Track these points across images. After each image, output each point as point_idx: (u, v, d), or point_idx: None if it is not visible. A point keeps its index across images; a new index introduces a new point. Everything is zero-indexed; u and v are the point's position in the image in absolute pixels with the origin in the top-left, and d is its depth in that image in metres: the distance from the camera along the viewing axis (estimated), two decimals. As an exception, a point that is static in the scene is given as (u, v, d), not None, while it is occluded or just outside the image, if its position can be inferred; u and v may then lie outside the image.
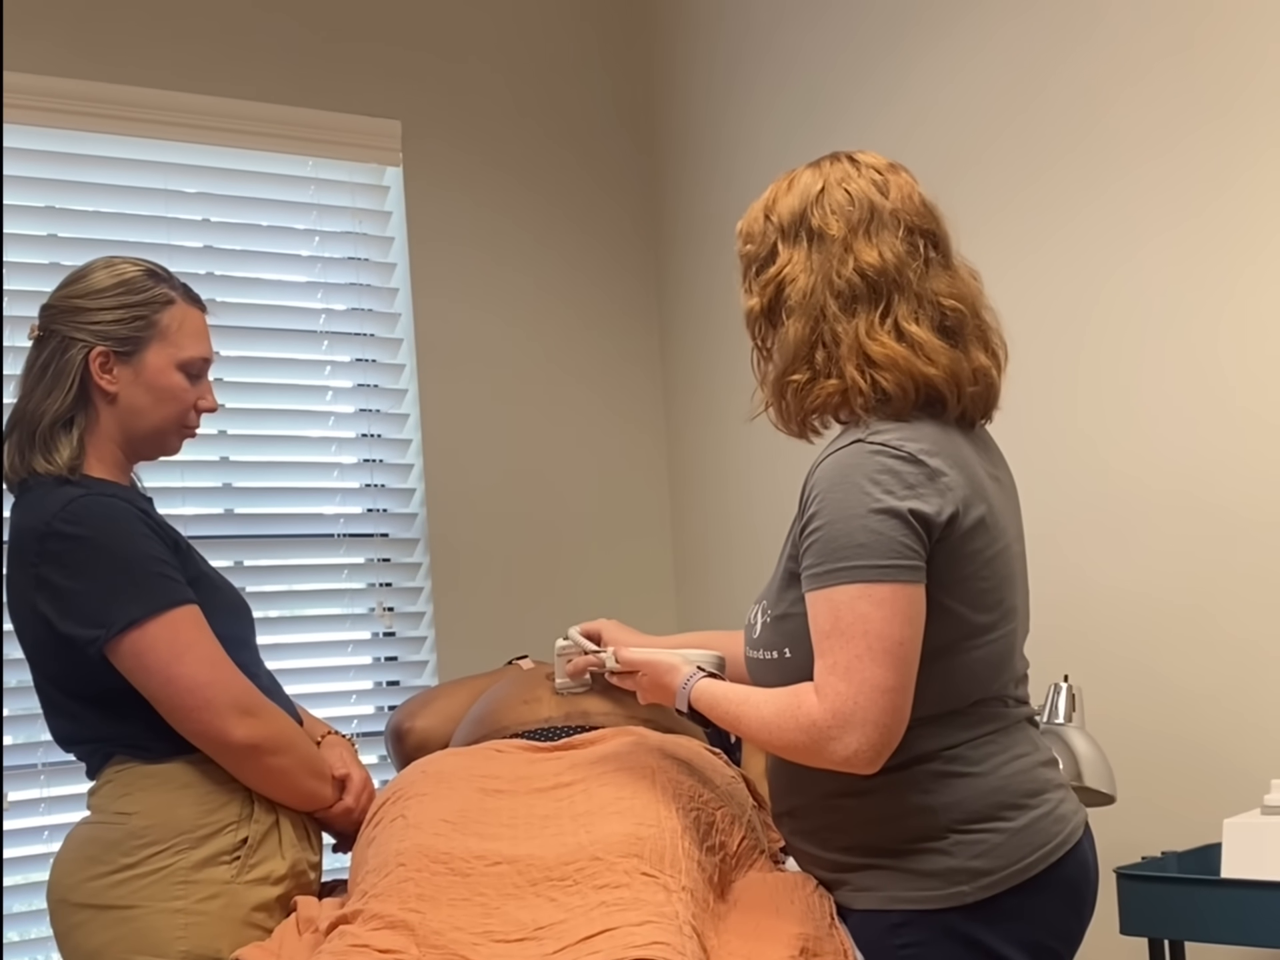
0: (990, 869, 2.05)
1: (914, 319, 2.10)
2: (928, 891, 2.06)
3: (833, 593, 2.00)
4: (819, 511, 2.04)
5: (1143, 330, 3.11)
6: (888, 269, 2.10)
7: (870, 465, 2.02)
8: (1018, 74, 3.35)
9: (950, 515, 2.02)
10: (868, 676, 1.96)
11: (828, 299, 2.10)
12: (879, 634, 1.97)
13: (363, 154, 4.00)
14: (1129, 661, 3.13)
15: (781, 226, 2.16)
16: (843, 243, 2.11)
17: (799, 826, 2.22)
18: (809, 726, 2.00)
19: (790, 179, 2.20)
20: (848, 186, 2.14)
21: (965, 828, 2.06)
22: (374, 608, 3.98)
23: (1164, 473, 3.07)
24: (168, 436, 2.54)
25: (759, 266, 2.19)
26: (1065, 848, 2.11)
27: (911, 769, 2.08)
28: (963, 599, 2.06)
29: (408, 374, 4.05)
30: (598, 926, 1.99)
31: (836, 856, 2.16)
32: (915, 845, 2.08)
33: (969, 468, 2.09)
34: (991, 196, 3.37)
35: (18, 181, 3.55)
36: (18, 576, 2.41)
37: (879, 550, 1.98)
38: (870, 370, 2.07)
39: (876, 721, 1.97)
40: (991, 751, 2.10)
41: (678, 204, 4.38)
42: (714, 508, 4.27)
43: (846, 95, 3.78)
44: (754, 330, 2.22)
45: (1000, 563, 2.11)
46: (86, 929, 2.34)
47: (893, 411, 2.08)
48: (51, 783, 3.43)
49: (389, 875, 2.14)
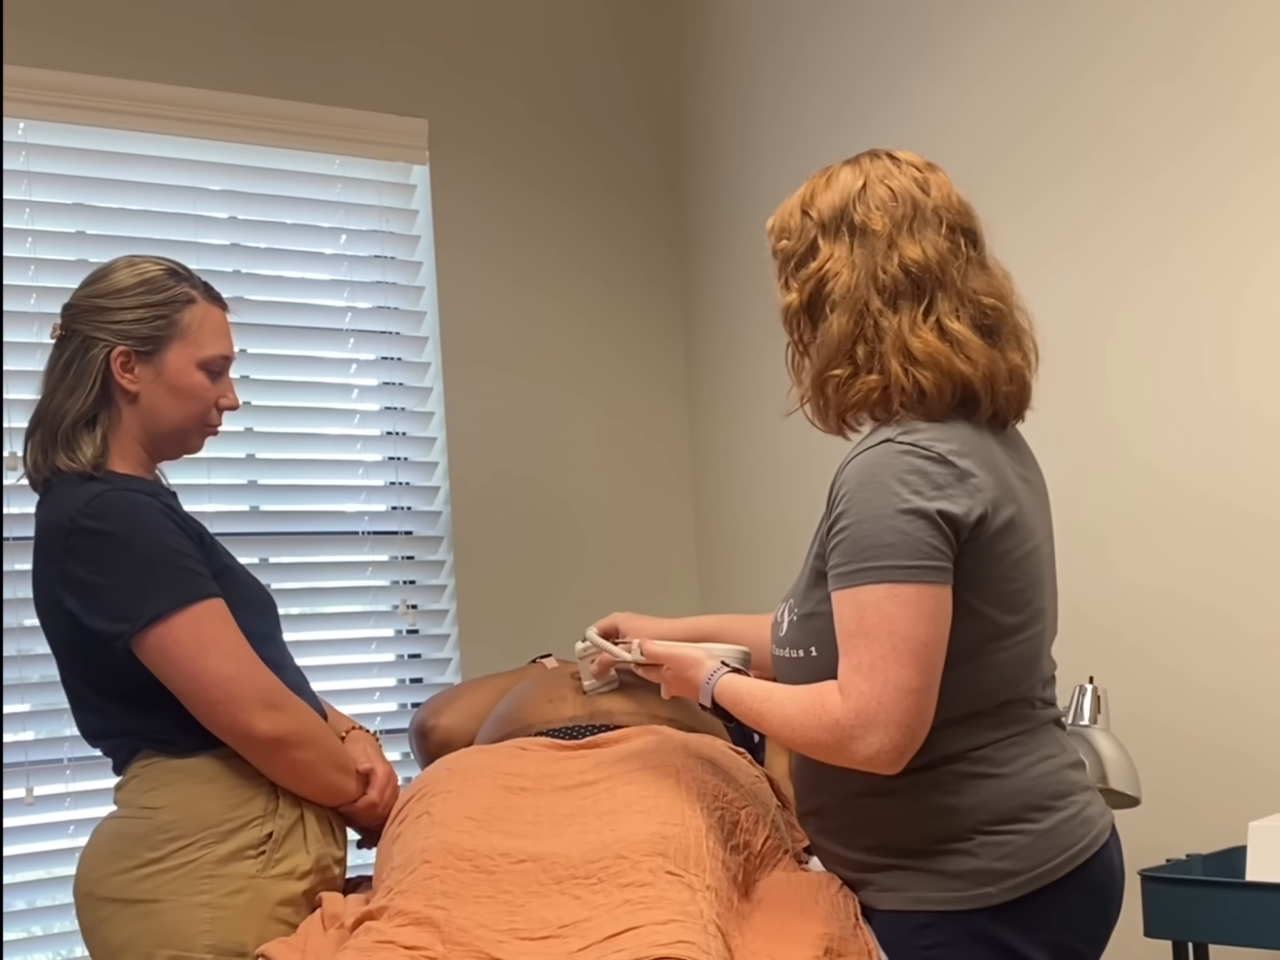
0: (1016, 870, 2.04)
1: (955, 316, 2.09)
2: (952, 893, 2.05)
3: (858, 592, 1.99)
4: (846, 510, 2.03)
5: (1169, 331, 3.10)
6: (931, 266, 2.09)
7: (899, 465, 2.01)
8: (1042, 78, 3.34)
9: (979, 516, 2.01)
10: (891, 677, 1.96)
11: (871, 294, 2.08)
12: (904, 635, 1.96)
13: (389, 152, 4.00)
14: (1154, 663, 3.12)
15: (822, 222, 2.14)
16: (887, 238, 2.09)
17: (824, 826, 2.22)
18: (832, 725, 2.00)
19: (828, 175, 2.18)
20: (890, 183, 2.12)
21: (991, 829, 2.05)
22: (398, 605, 3.99)
23: (1190, 474, 3.06)
24: (189, 435, 2.54)
25: (798, 262, 2.17)
26: (1092, 850, 2.10)
27: (937, 770, 2.07)
28: (991, 600, 2.05)
29: (433, 372, 4.06)
30: (622, 925, 1.98)
31: (861, 856, 2.15)
32: (940, 846, 2.07)
33: (999, 468, 2.08)
34: (1018, 198, 3.37)
35: (47, 178, 3.57)
36: (43, 572, 2.42)
37: (906, 551, 1.97)
38: (911, 367, 2.06)
39: (900, 722, 1.96)
40: (1018, 753, 2.09)
41: (702, 205, 4.38)
42: (737, 507, 4.27)
43: (872, 100, 3.77)
44: (792, 326, 2.19)
45: (1029, 564, 2.10)
46: (112, 923, 2.34)
47: (927, 410, 2.06)
48: (77, 777, 3.44)
49: (414, 872, 2.14)
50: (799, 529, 3.72)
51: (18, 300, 3.49)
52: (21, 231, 3.52)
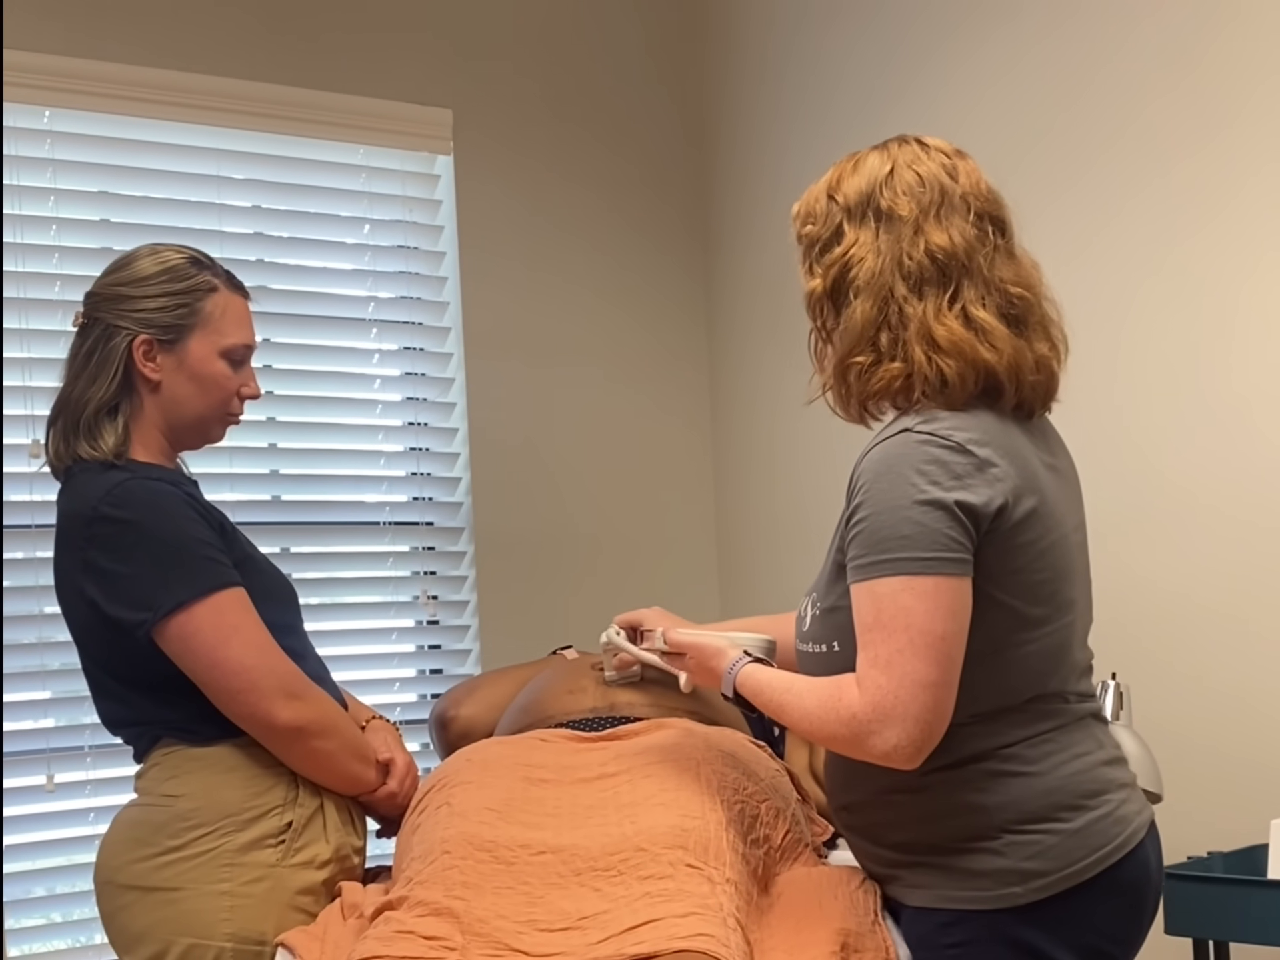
0: (1043, 870, 2.02)
1: (981, 304, 2.07)
2: (978, 892, 2.04)
3: (875, 585, 1.98)
4: (864, 502, 2.01)
5: (1186, 330, 3.09)
6: (957, 252, 2.07)
7: (917, 455, 1.99)
8: (1060, 74, 3.33)
9: (999, 506, 1.98)
10: (908, 671, 1.94)
11: (896, 280, 2.07)
12: (921, 628, 1.94)
13: (414, 142, 4.00)
14: (1177, 661, 3.11)
15: (848, 206, 2.12)
16: (913, 224, 2.08)
17: (854, 821, 2.21)
18: (849, 719, 1.98)
19: (855, 160, 2.16)
20: (917, 168, 2.11)
21: (1019, 828, 2.03)
22: (418, 596, 3.99)
23: (1214, 474, 3.05)
24: (211, 424, 2.54)
25: (822, 247, 2.15)
26: (1125, 850, 2.07)
27: (966, 767, 2.05)
28: (1014, 592, 2.03)
29: (455, 363, 4.06)
30: (642, 917, 1.99)
31: (890, 853, 2.15)
32: (967, 844, 2.05)
33: (1021, 458, 2.05)
34: (1036, 193, 3.35)
35: (71, 166, 3.57)
36: (65, 560, 2.42)
37: (923, 542, 1.95)
38: (935, 354, 2.04)
39: (917, 717, 1.95)
40: (1050, 750, 2.07)
41: (725, 194, 4.37)
42: (759, 498, 4.27)
43: (896, 91, 3.76)
44: (815, 312, 2.17)
45: (1055, 554, 2.07)
46: (132, 910, 2.35)
47: (949, 399, 2.04)
48: (97, 765, 3.45)
49: (434, 862, 2.15)
50: (820, 519, 3.72)
51: (41, 288, 3.50)
52: (46, 219, 3.53)
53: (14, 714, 3.41)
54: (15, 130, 3.48)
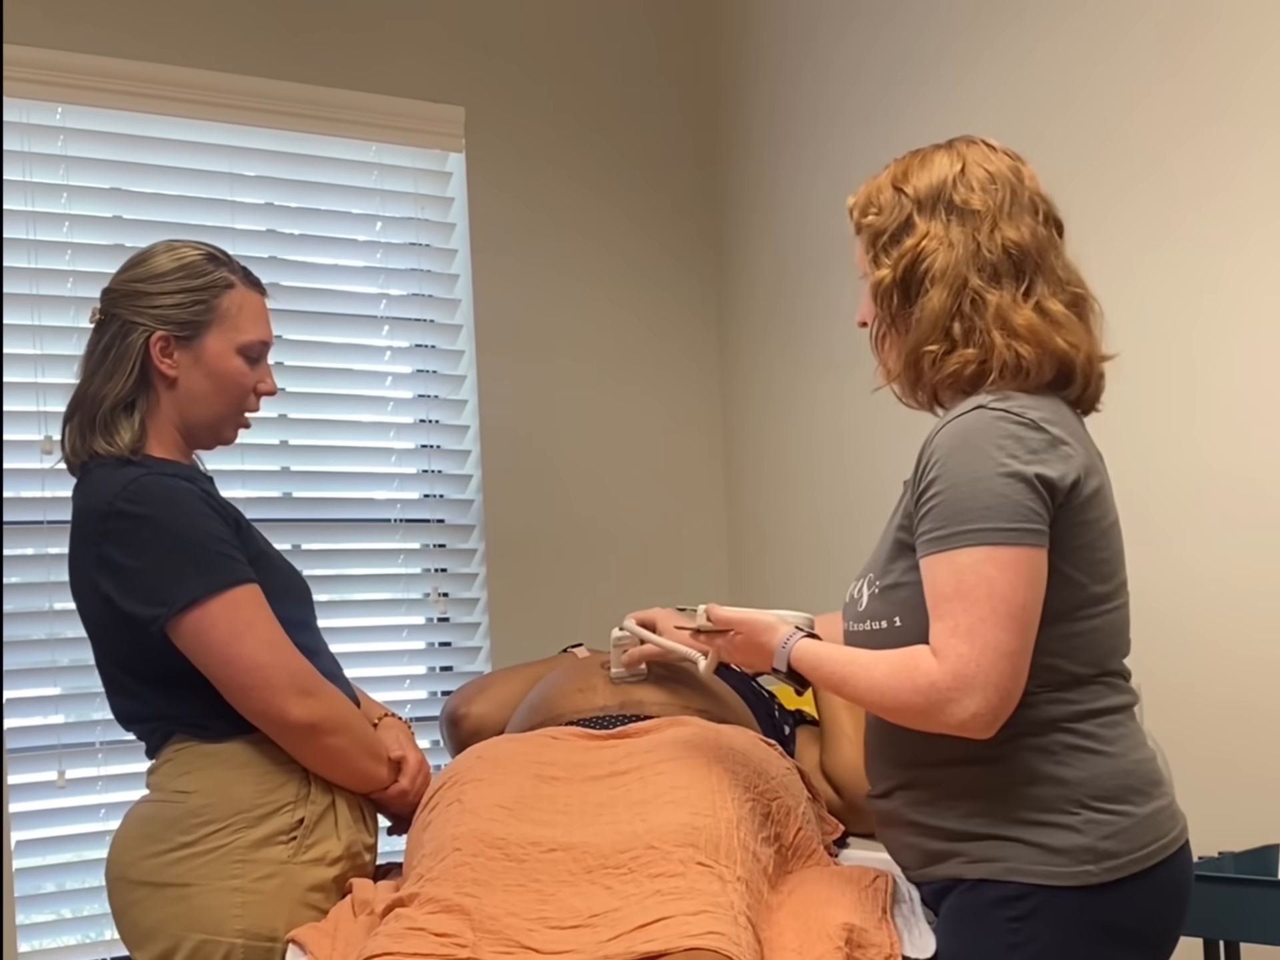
0: (1117, 851, 2.02)
1: (1054, 299, 2.11)
2: (1054, 868, 2.02)
3: (955, 555, 1.99)
4: (940, 476, 2.03)
5: (1195, 324, 3.09)
6: (1029, 249, 2.11)
7: (994, 430, 2.01)
8: (1064, 70, 3.33)
9: (1073, 481, 2.02)
10: (990, 640, 1.95)
11: (971, 272, 2.09)
12: (1003, 597, 1.96)
13: (426, 140, 4.01)
14: (1188, 660, 3.10)
15: (918, 199, 2.14)
16: (990, 219, 2.11)
17: (914, 798, 2.16)
18: (927, 688, 1.98)
19: (921, 156, 2.19)
20: (987, 167, 2.14)
21: (1099, 805, 2.03)
22: (429, 593, 3.99)
23: (1222, 474, 3.05)
24: (225, 423, 2.54)
25: (891, 237, 2.16)
26: (1178, 844, 2.10)
27: (1045, 736, 2.05)
28: (1081, 567, 2.06)
29: (467, 360, 4.06)
30: (652, 915, 1.98)
31: (955, 825, 2.10)
32: (1045, 818, 2.04)
33: (1084, 441, 2.10)
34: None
35: (84, 163, 3.58)
36: (80, 556, 2.43)
37: (1005, 513, 1.97)
38: (1013, 340, 2.07)
39: (997, 685, 1.95)
40: (1122, 733, 2.09)
41: (738, 193, 4.37)
42: (770, 497, 4.26)
43: (907, 91, 3.76)
44: (884, 302, 2.18)
45: (1114, 536, 2.12)
46: (143, 906, 2.35)
47: (1022, 384, 2.08)
48: (108, 761, 3.46)
49: (445, 859, 2.15)
50: (832, 516, 3.72)
51: (55, 284, 3.50)
52: (58, 216, 3.54)
53: (25, 710, 3.42)
54: (28, 126, 3.49)
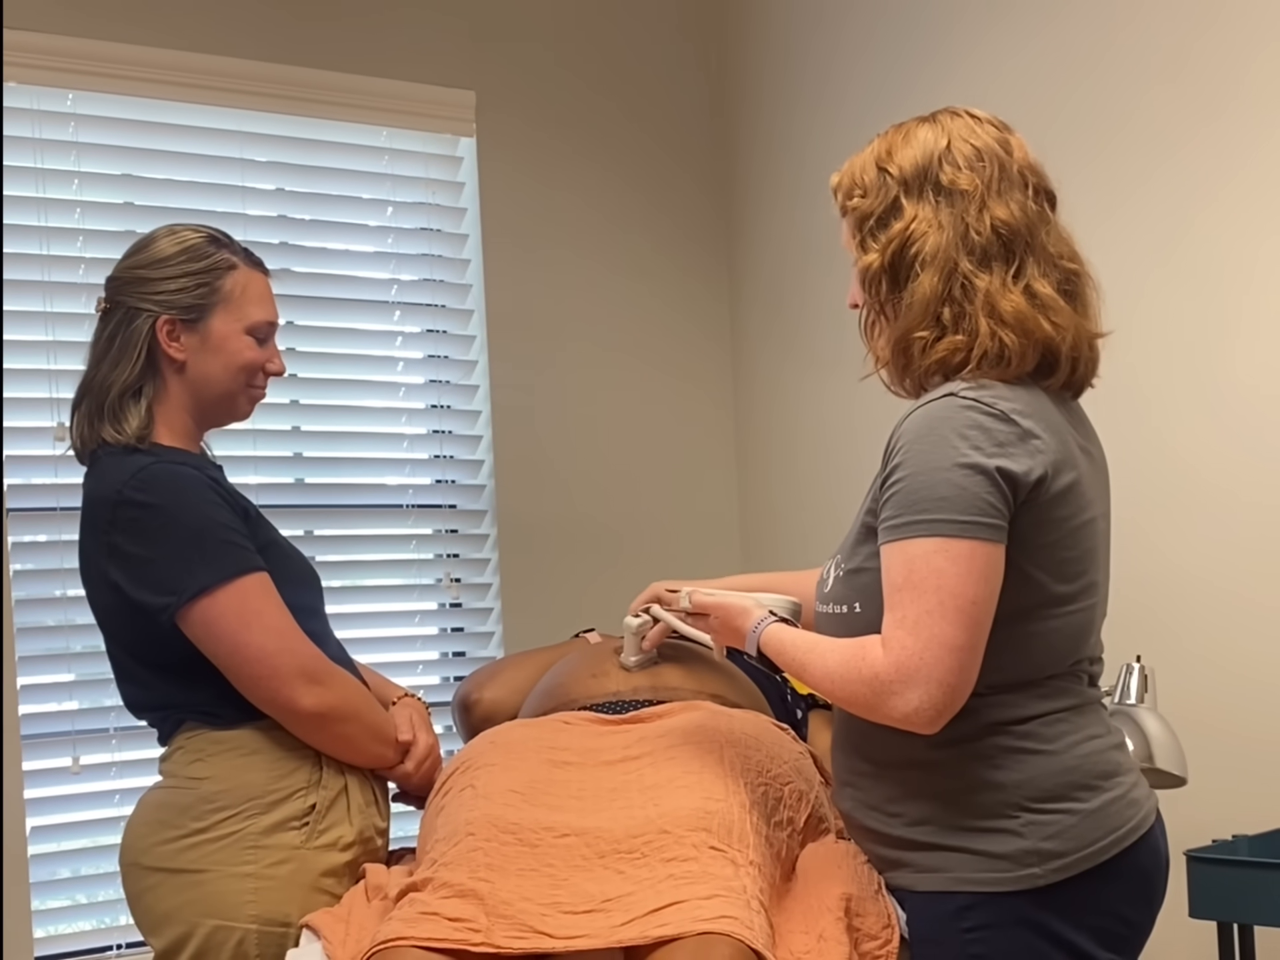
0: (1063, 851, 2.00)
1: (1044, 279, 2.05)
2: (998, 873, 2.01)
3: (908, 545, 1.96)
4: (903, 463, 1.99)
5: (1206, 313, 3.08)
6: (1019, 227, 2.05)
7: (960, 420, 1.97)
8: (1072, 50, 3.32)
9: (1039, 477, 1.97)
10: (936, 633, 1.92)
11: (961, 255, 2.04)
12: (952, 590, 1.92)
13: (437, 124, 4.00)
14: (1201, 644, 3.10)
15: (904, 180, 2.08)
16: (978, 199, 2.05)
17: (862, 799, 2.16)
18: (871, 679, 1.96)
19: (904, 131, 2.12)
20: (973, 141, 2.08)
21: (1038, 807, 2.01)
22: (441, 579, 3.99)
23: (1235, 459, 3.04)
24: (238, 399, 2.54)
25: (878, 221, 2.10)
26: (1138, 833, 2.06)
27: (983, 740, 2.03)
28: (1044, 566, 2.01)
29: (478, 345, 4.06)
30: (666, 899, 1.99)
31: (901, 833, 2.10)
32: (985, 824, 2.02)
33: (1061, 434, 2.04)
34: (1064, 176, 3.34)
35: (95, 149, 3.58)
36: (90, 544, 2.43)
37: (961, 505, 1.93)
38: (999, 328, 2.02)
39: (941, 680, 1.92)
40: (1065, 730, 2.05)
41: (750, 178, 4.36)
42: (781, 479, 4.26)
43: (919, 65, 3.75)
44: (872, 287, 2.12)
45: (1085, 534, 2.05)
46: (157, 892, 2.36)
47: (1003, 372, 2.02)
48: (122, 747, 3.46)
49: (458, 844, 2.15)
50: (845, 503, 3.71)
51: (66, 271, 3.50)
52: (69, 202, 3.53)
53: (38, 696, 3.43)
54: (39, 113, 3.49)
